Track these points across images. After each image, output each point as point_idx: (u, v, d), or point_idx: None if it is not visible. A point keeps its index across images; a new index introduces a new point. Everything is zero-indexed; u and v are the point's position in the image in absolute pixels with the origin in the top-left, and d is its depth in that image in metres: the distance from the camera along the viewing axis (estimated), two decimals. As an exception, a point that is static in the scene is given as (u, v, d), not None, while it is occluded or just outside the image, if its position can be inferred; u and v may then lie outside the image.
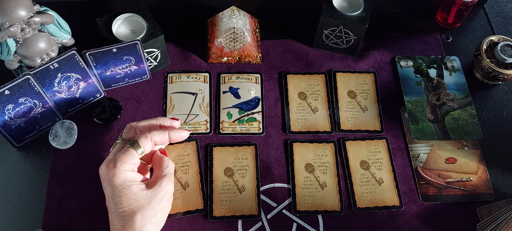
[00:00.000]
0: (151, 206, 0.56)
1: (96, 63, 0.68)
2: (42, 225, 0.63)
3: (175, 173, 0.67)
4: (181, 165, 0.68)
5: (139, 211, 0.55)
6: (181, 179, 0.67)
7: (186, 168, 0.68)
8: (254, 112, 0.74)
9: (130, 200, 0.55)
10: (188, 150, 0.70)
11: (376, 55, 0.81)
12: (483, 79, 0.78)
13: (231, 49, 0.77)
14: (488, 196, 0.68)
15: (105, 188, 0.57)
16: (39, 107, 0.67)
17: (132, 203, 0.55)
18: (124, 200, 0.55)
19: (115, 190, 0.55)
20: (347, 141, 0.72)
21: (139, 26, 0.73)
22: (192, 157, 0.69)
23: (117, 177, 0.55)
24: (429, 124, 0.73)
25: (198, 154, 0.69)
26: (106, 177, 0.56)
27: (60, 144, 0.69)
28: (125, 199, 0.55)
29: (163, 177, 0.58)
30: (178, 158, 0.69)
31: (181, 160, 0.69)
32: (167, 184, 0.58)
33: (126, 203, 0.55)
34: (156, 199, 0.56)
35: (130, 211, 0.55)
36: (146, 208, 0.55)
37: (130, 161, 0.57)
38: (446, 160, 0.71)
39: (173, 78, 0.77)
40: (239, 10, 0.78)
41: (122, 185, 0.55)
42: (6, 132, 0.66)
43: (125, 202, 0.55)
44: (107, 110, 0.72)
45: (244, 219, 0.65)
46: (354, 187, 0.68)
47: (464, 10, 0.81)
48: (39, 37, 0.65)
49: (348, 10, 0.76)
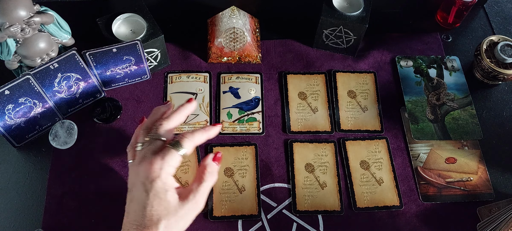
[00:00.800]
0: (178, 216, 0.51)
1: (96, 63, 0.68)
2: (42, 225, 0.63)
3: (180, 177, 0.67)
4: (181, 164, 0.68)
5: (165, 219, 0.50)
6: (181, 179, 0.67)
7: (186, 168, 0.68)
8: (254, 112, 0.74)
9: (160, 207, 0.50)
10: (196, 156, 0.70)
11: (376, 55, 0.81)
12: (483, 79, 0.78)
13: (231, 49, 0.77)
14: (488, 196, 0.68)
15: (135, 187, 0.52)
16: (39, 107, 0.67)
17: (161, 210, 0.50)
18: (155, 205, 0.50)
19: (151, 193, 0.50)
20: (347, 141, 0.72)
21: (139, 26, 0.73)
22: (192, 156, 0.69)
23: (160, 179, 0.50)
24: (429, 124, 0.73)
25: (198, 154, 0.69)
26: (147, 177, 0.51)
27: (60, 144, 0.69)
28: (156, 204, 0.50)
29: (201, 193, 0.54)
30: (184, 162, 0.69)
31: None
32: (202, 202, 0.54)
33: (156, 208, 0.50)
34: (185, 211, 0.52)
35: (156, 218, 0.50)
36: (172, 218, 0.51)
37: (173, 164, 0.52)
38: (446, 160, 0.71)
39: (173, 78, 0.77)
40: (239, 10, 0.78)
41: (162, 188, 0.51)
42: (6, 132, 0.66)
43: (156, 207, 0.50)
44: (107, 110, 0.72)
45: (244, 219, 0.65)
46: (354, 187, 0.68)
47: (464, 10, 0.81)
48: (39, 37, 0.65)
49: (348, 10, 0.76)
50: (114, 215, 0.64)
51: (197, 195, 0.53)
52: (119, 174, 0.67)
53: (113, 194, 0.66)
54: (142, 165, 0.52)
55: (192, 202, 0.53)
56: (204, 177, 0.55)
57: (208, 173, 0.55)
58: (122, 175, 0.67)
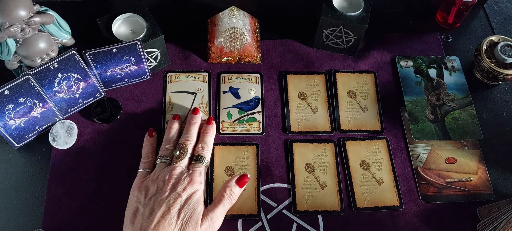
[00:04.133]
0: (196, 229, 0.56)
1: (96, 63, 0.68)
2: (42, 225, 0.63)
3: None
4: None
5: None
6: None
7: None
8: (254, 113, 0.74)
9: (191, 223, 0.55)
10: None
11: (376, 55, 0.81)
12: (483, 79, 0.78)
13: (231, 49, 0.77)
14: (488, 196, 0.68)
15: (159, 198, 0.56)
16: (39, 107, 0.67)
17: (191, 227, 0.55)
18: (186, 218, 0.55)
19: (186, 206, 0.55)
20: (347, 141, 0.72)
21: (139, 26, 0.73)
22: None
23: (197, 194, 0.55)
24: (429, 124, 0.74)
25: None
26: (183, 190, 0.55)
27: (60, 144, 0.69)
28: (187, 217, 0.55)
29: (216, 215, 0.57)
30: None
31: None
32: (218, 224, 0.58)
33: (186, 220, 0.55)
34: (203, 228, 0.56)
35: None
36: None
37: (203, 179, 0.57)
38: (446, 160, 0.71)
39: (172, 78, 0.77)
40: (239, 10, 0.78)
41: (196, 203, 0.55)
42: (6, 132, 0.66)
43: (186, 219, 0.55)
44: (107, 110, 0.72)
45: (244, 219, 0.65)
46: (354, 187, 0.68)
47: (464, 10, 0.81)
48: (39, 37, 0.65)
49: (348, 10, 0.76)
50: (114, 215, 0.64)
51: (214, 217, 0.57)
52: (119, 174, 0.67)
53: (113, 194, 0.66)
54: (175, 178, 0.56)
55: (208, 223, 0.57)
56: (222, 200, 0.59)
57: (226, 196, 0.59)
58: (122, 175, 0.67)
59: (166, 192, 0.57)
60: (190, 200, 0.57)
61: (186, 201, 0.56)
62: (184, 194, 0.56)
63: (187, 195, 0.57)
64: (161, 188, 0.57)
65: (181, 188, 0.57)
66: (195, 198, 0.57)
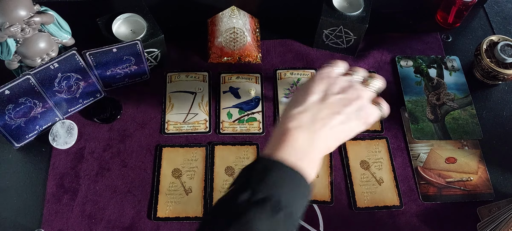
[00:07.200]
0: None
1: (96, 63, 0.68)
2: (42, 225, 0.63)
3: (180, 176, 0.68)
4: (187, 169, 0.68)
5: None
6: (185, 184, 0.67)
7: (192, 173, 0.68)
8: (254, 112, 0.74)
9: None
10: (197, 155, 0.69)
11: (376, 55, 0.81)
12: (483, 79, 0.78)
13: (231, 49, 0.77)
14: (488, 196, 0.68)
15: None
16: (39, 107, 0.67)
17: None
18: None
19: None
20: (347, 141, 0.72)
21: (139, 26, 0.73)
22: (199, 162, 0.69)
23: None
24: (429, 124, 0.73)
25: (206, 161, 0.69)
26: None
27: (60, 144, 0.69)
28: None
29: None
30: (185, 162, 0.69)
31: (188, 165, 0.68)
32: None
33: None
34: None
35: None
36: None
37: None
38: (446, 159, 0.71)
39: (172, 78, 0.77)
40: (239, 10, 0.78)
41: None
42: (6, 132, 0.66)
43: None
44: (107, 110, 0.72)
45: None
46: (354, 186, 0.68)
47: (464, 10, 0.81)
48: (39, 37, 0.65)
49: (348, 10, 0.76)
50: (114, 215, 0.64)
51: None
52: (119, 174, 0.67)
53: (113, 194, 0.66)
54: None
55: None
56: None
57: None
58: (122, 175, 0.67)
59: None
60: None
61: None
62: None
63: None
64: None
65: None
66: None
